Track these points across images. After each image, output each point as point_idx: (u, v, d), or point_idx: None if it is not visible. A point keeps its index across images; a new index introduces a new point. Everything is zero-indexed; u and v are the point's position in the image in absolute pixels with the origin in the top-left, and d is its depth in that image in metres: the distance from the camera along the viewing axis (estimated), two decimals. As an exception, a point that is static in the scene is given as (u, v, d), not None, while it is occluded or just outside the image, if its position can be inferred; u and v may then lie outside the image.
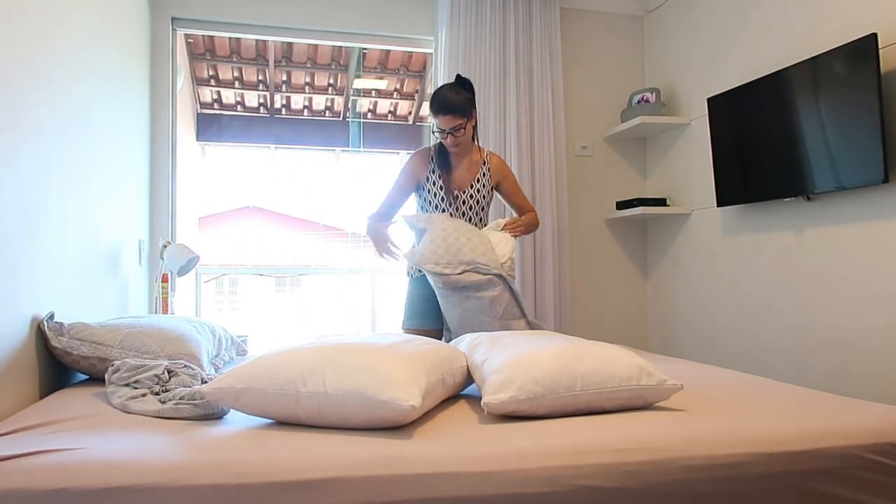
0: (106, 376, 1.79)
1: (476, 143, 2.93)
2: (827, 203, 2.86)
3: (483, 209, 2.92)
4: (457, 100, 2.67)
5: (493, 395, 1.48)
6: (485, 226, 2.92)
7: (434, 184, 2.85)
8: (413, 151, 2.97)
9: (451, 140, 2.73)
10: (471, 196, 2.87)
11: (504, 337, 1.87)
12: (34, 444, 1.26)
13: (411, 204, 3.00)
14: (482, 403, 1.48)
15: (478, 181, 2.87)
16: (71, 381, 2.29)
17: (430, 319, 2.83)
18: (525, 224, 2.87)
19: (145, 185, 3.49)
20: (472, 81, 3.82)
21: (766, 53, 3.20)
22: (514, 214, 3.03)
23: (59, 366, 2.20)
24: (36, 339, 2.06)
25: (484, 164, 2.90)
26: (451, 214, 2.84)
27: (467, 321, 2.57)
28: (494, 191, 2.95)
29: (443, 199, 2.85)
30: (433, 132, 2.79)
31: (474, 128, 2.82)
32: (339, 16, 3.81)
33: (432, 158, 2.86)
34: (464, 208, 2.86)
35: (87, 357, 1.98)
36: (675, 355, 3.89)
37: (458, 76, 2.79)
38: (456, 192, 2.85)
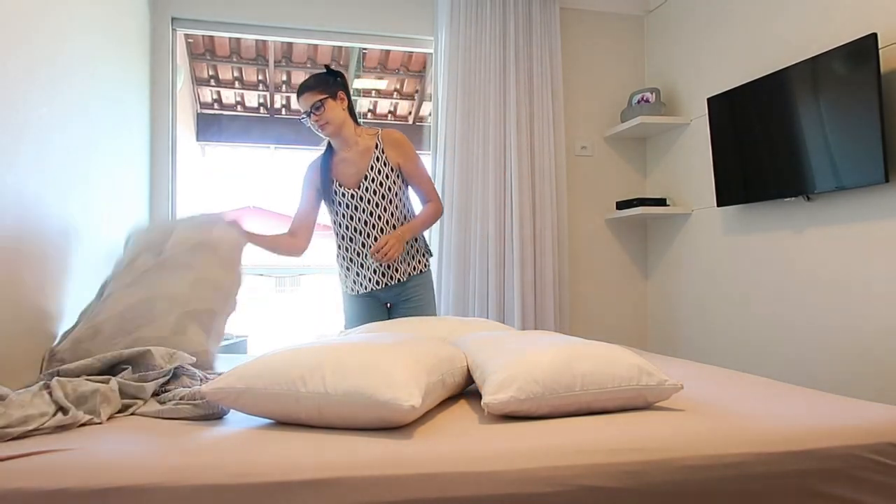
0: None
1: (358, 127, 2.69)
2: (827, 203, 2.86)
3: (391, 202, 2.64)
4: (312, 79, 2.54)
5: (494, 395, 1.47)
6: (395, 224, 2.65)
7: (328, 188, 2.67)
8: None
9: (315, 119, 2.55)
10: (366, 189, 2.62)
11: (504, 337, 1.87)
12: (34, 444, 1.26)
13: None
14: (482, 403, 1.48)
15: (372, 169, 2.62)
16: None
17: None
18: (396, 238, 2.53)
19: (145, 185, 3.48)
20: (472, 81, 3.84)
21: (766, 53, 3.20)
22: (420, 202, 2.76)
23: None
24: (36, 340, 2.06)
25: (377, 147, 2.63)
26: (344, 215, 2.67)
27: None
28: (401, 174, 2.67)
29: (342, 203, 2.67)
30: (302, 121, 2.63)
31: (347, 111, 2.62)
32: (339, 16, 3.81)
33: (320, 165, 2.72)
34: (364, 206, 2.63)
35: None
36: (675, 355, 3.89)
37: (327, 66, 2.65)
38: (347, 192, 2.63)
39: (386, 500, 1.16)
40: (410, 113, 5.67)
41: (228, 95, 5.89)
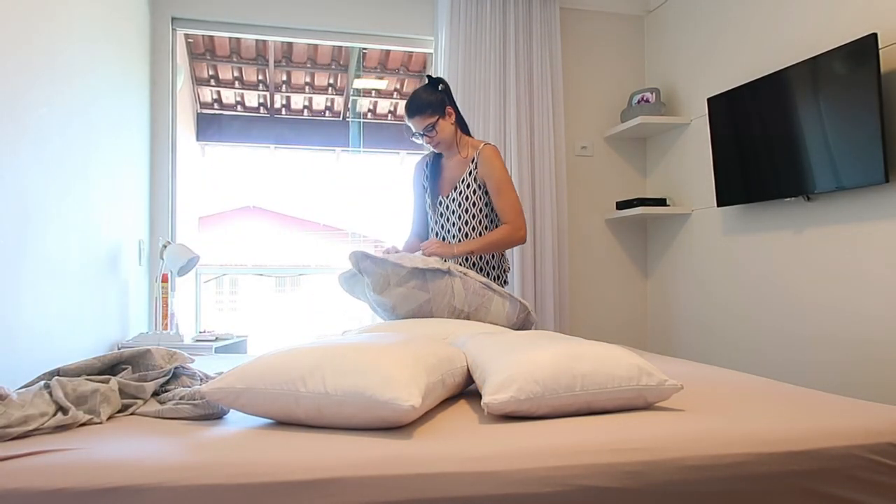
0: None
1: (465, 136, 2.72)
2: (827, 203, 2.86)
3: (474, 216, 2.65)
4: (424, 99, 2.57)
5: (493, 395, 1.47)
6: (481, 233, 2.65)
7: (432, 190, 2.71)
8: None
9: (427, 140, 2.62)
10: (453, 200, 2.66)
11: (505, 337, 1.87)
12: (34, 444, 1.26)
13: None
14: (482, 404, 1.48)
15: (462, 181, 2.65)
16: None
17: None
18: (440, 245, 2.53)
19: (145, 185, 3.49)
20: (472, 81, 3.84)
21: (766, 53, 3.20)
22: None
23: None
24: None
25: (472, 161, 2.65)
26: (437, 221, 2.70)
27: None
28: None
29: (433, 208, 2.73)
30: (412, 139, 2.67)
31: (455, 124, 2.66)
32: (339, 16, 3.81)
33: (427, 164, 2.75)
34: (449, 215, 2.66)
35: None
36: (674, 355, 3.89)
37: (429, 76, 2.67)
38: (440, 199, 2.68)
39: (386, 500, 1.16)
40: (411, 113, 5.66)
41: (228, 95, 5.89)
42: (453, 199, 2.67)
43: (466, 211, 2.64)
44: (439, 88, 2.63)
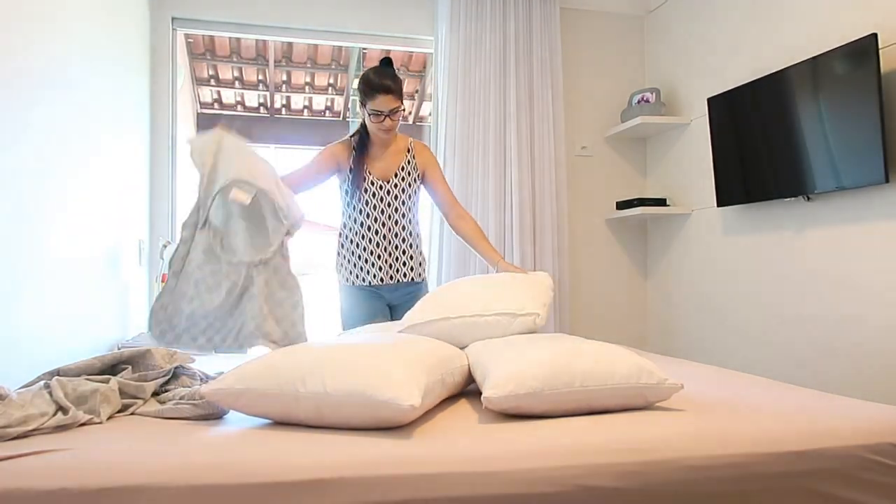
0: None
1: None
2: (827, 203, 2.86)
3: (410, 198, 2.75)
4: (396, 81, 2.60)
5: (493, 389, 1.48)
6: (410, 219, 2.76)
7: (360, 174, 2.71)
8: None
9: (389, 123, 2.61)
10: (395, 185, 2.72)
11: (506, 338, 1.88)
12: (33, 444, 1.26)
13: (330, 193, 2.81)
14: (482, 398, 1.48)
15: (402, 169, 2.72)
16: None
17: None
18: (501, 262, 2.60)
19: (145, 185, 3.49)
20: (472, 81, 3.85)
21: (766, 53, 3.20)
22: (440, 211, 2.83)
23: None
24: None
25: (408, 151, 2.76)
26: (368, 203, 2.70)
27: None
28: (421, 182, 2.79)
29: (370, 192, 2.71)
30: (367, 116, 2.62)
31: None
32: (340, 16, 3.81)
33: (354, 148, 2.72)
34: (395, 202, 2.72)
35: None
36: (674, 355, 3.89)
37: (386, 59, 2.69)
38: (376, 182, 2.70)
39: (385, 499, 1.16)
40: (410, 113, 5.67)
41: (228, 95, 5.89)
42: (395, 185, 2.72)
43: (406, 194, 2.73)
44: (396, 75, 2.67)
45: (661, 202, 3.85)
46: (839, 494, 1.34)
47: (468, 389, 1.91)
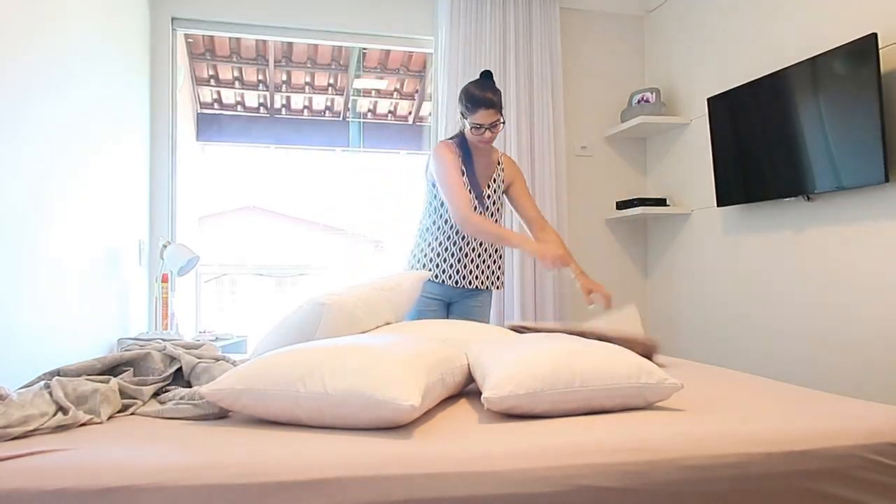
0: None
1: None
2: (827, 203, 2.86)
3: (498, 211, 2.85)
4: (497, 95, 2.66)
5: (493, 390, 1.48)
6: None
7: (466, 179, 2.75)
8: (435, 147, 2.78)
9: (489, 136, 2.69)
10: (494, 191, 2.83)
11: (506, 338, 1.88)
12: (33, 444, 1.26)
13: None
14: (482, 398, 1.49)
15: (494, 181, 2.83)
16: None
17: None
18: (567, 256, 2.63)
19: (145, 185, 3.49)
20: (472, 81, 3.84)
21: (766, 53, 3.19)
22: (524, 225, 2.91)
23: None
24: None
25: (498, 164, 2.87)
26: (479, 213, 2.76)
27: None
28: (504, 194, 2.89)
29: (472, 195, 2.75)
30: (468, 128, 2.69)
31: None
32: (340, 15, 3.81)
33: (459, 155, 2.74)
34: (492, 208, 2.81)
35: None
36: (674, 355, 3.89)
37: (487, 72, 2.77)
38: (484, 191, 2.79)
39: (386, 499, 1.16)
40: (410, 113, 5.66)
41: (228, 95, 5.89)
42: (494, 191, 2.83)
43: (494, 203, 2.83)
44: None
45: (661, 202, 3.85)
46: (839, 494, 1.34)
47: (468, 389, 1.91)
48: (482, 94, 2.63)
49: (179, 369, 1.83)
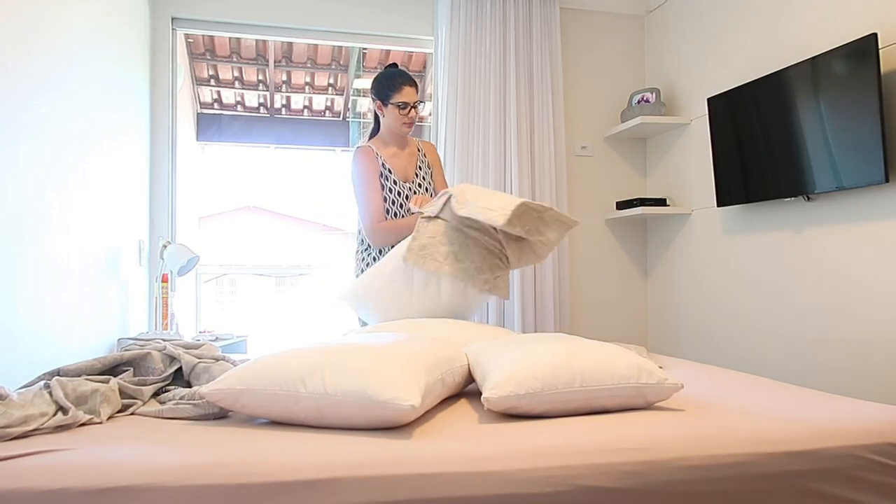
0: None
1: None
2: (827, 203, 2.86)
3: (436, 193, 2.82)
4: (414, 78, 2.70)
5: (493, 390, 1.48)
6: None
7: (387, 178, 2.74)
8: (354, 153, 2.78)
9: (415, 114, 2.71)
10: (419, 185, 2.79)
11: (506, 339, 1.88)
12: (33, 444, 1.26)
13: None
14: (482, 399, 1.49)
15: (420, 168, 2.82)
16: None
17: None
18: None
19: (145, 185, 3.49)
20: (472, 81, 3.84)
21: (767, 53, 3.19)
22: None
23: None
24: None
25: (419, 150, 2.85)
26: (401, 206, 2.75)
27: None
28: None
29: (394, 192, 2.73)
30: (392, 110, 2.68)
31: None
32: (340, 15, 3.80)
33: (377, 154, 2.74)
34: (426, 196, 2.77)
35: None
36: (674, 355, 3.89)
37: (392, 64, 2.83)
38: (407, 183, 2.76)
39: (385, 500, 1.16)
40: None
41: (228, 95, 5.90)
42: (419, 185, 2.80)
43: (426, 191, 2.83)
44: None
45: (661, 202, 3.85)
46: (839, 494, 1.34)
47: (468, 389, 1.91)
48: (401, 72, 2.69)
49: (179, 369, 1.83)
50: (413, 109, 2.70)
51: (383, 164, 2.73)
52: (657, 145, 4.09)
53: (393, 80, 2.67)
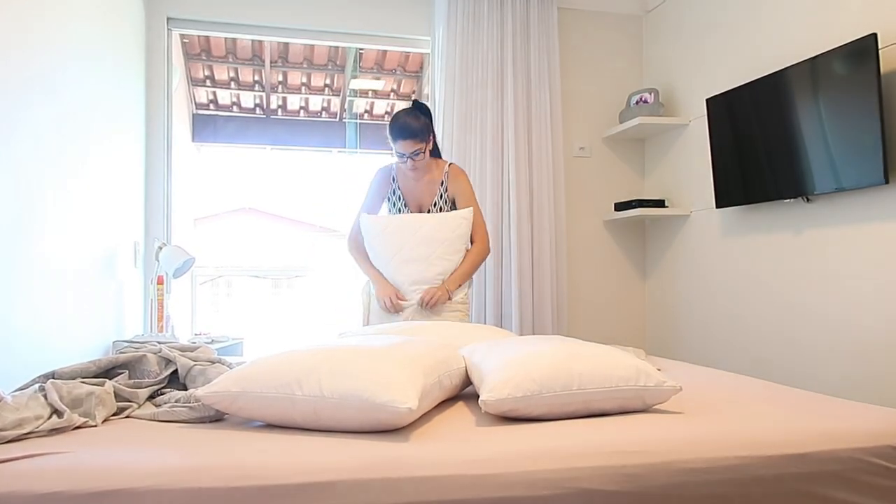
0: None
1: (439, 156, 2.93)
2: (826, 204, 2.86)
3: None
4: (415, 125, 2.68)
5: (490, 392, 1.47)
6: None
7: (395, 204, 2.89)
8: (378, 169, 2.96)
9: (411, 164, 2.75)
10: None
11: (504, 340, 1.87)
12: (28, 447, 1.25)
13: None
14: (480, 401, 1.48)
15: (434, 205, 2.86)
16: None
17: None
18: (443, 292, 2.69)
19: (141, 186, 3.47)
20: (470, 82, 3.84)
21: (766, 53, 3.19)
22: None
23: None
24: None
25: (441, 183, 2.87)
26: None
27: None
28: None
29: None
30: (397, 156, 2.78)
31: (431, 149, 2.83)
32: (336, 16, 3.80)
33: (394, 178, 2.89)
34: None
35: None
36: (673, 357, 3.89)
37: (415, 101, 2.82)
38: (430, 210, 2.85)
39: (383, 502, 1.15)
40: (408, 114, 5.66)
41: (224, 96, 5.88)
42: (440, 210, 2.85)
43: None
44: (428, 117, 2.78)
45: (659, 203, 3.85)
46: (839, 497, 1.33)
47: (466, 391, 1.90)
48: (400, 124, 2.69)
49: (175, 372, 1.81)
50: (410, 160, 2.73)
51: (397, 187, 2.88)
52: (656, 146, 4.09)
53: (392, 131, 2.71)
